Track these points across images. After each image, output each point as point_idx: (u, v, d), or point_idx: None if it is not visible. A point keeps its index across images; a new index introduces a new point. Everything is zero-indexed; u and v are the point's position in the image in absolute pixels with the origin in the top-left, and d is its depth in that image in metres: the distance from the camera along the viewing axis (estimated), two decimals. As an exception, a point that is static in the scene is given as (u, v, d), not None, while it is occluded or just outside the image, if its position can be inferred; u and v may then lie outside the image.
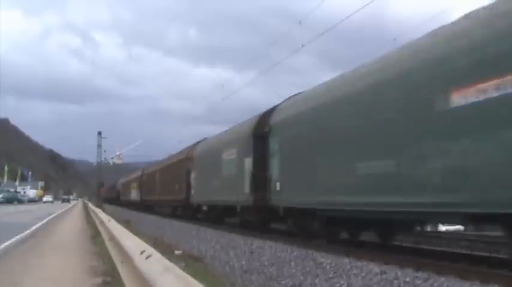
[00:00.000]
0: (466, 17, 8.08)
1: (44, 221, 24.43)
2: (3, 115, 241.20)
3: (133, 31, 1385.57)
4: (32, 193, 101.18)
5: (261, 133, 14.78)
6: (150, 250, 5.29)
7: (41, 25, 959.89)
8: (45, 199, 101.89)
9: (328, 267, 8.42)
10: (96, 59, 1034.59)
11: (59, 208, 52.62)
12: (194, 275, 3.79)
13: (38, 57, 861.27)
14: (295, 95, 14.93)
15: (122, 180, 60.20)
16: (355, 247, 10.93)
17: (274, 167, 13.76)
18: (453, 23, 8.33)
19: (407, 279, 7.20)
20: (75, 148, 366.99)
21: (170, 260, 4.53)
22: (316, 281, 7.34)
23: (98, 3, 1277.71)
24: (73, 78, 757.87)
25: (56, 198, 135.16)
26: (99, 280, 7.38)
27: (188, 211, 24.69)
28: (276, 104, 15.34)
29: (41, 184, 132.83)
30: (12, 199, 73.51)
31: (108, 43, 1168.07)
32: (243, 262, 9.27)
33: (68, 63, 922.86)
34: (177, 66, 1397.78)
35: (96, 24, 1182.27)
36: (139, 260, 5.04)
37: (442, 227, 19.52)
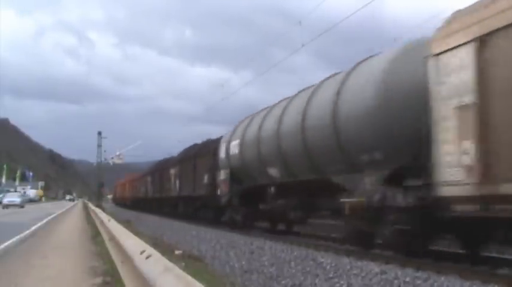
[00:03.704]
0: None
1: (44, 221, 24.44)
2: (3, 115, 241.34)
3: (128, 30, 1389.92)
4: (32, 193, 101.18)
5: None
6: (150, 250, 5.28)
7: (36, 24, 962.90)
8: (6, 200, 53.33)
9: (328, 267, 8.42)
10: (91, 59, 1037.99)
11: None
12: (194, 275, 3.79)
13: (34, 57, 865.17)
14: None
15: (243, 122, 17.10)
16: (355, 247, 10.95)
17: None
18: None
19: (408, 279, 7.20)
20: (75, 148, 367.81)
21: (170, 260, 4.53)
22: (316, 281, 7.34)
23: (91, 2, 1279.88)
24: (70, 77, 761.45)
25: (54, 198, 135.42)
26: (99, 280, 7.38)
27: None
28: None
29: (41, 183, 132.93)
30: (12, 199, 73.19)
31: (103, 42, 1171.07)
32: (243, 262, 9.27)
33: (64, 63, 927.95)
34: (173, 66, 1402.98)
35: (90, 23, 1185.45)
36: (139, 260, 5.03)
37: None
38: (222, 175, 18.08)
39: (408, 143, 8.92)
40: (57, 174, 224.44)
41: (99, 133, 59.01)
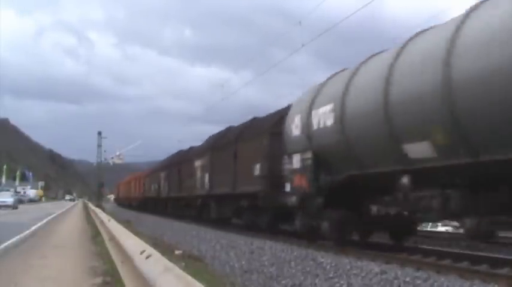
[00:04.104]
0: None
1: (44, 221, 24.43)
2: (3, 115, 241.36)
3: (127, 30, 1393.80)
4: (32, 193, 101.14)
5: None
6: (150, 250, 5.29)
7: (36, 24, 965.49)
8: None
9: (328, 267, 8.42)
10: (91, 59, 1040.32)
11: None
12: (194, 275, 3.80)
13: (34, 57, 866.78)
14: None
15: None
16: (356, 247, 10.94)
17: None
18: None
19: (408, 279, 7.20)
20: (75, 148, 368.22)
21: (170, 260, 4.53)
22: (316, 281, 7.34)
23: (91, 2, 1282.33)
24: (70, 77, 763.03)
25: (54, 198, 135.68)
26: (99, 280, 7.38)
27: None
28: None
29: (41, 183, 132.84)
30: (12, 199, 73.01)
31: (102, 42, 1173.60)
32: (243, 262, 9.27)
33: (63, 63, 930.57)
34: (173, 66, 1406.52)
35: (90, 23, 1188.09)
36: (139, 260, 5.04)
37: (442, 228, 19.55)
38: (296, 161, 11.83)
39: None
40: (57, 174, 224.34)
41: (99, 133, 59.07)
